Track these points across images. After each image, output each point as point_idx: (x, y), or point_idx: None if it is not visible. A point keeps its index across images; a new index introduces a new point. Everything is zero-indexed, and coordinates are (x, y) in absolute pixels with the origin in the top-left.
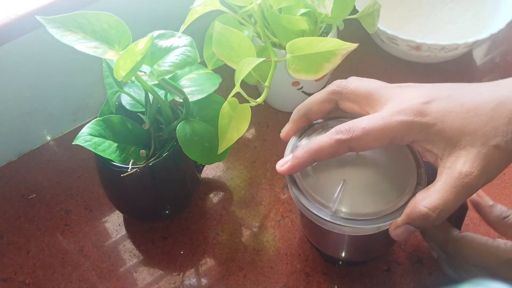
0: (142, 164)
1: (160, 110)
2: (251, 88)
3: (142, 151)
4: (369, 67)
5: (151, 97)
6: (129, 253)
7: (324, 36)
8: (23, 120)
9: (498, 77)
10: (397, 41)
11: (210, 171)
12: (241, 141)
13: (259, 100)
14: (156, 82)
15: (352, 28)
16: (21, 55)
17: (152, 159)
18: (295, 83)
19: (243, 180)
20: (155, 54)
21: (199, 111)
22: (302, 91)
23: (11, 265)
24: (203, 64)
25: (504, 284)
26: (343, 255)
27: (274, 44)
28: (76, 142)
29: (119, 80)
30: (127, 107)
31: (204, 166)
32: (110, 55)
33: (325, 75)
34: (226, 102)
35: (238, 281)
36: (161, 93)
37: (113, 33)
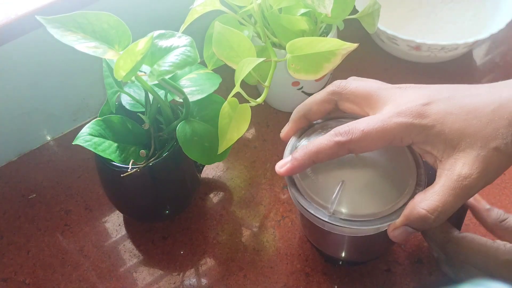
0: (142, 164)
1: (160, 110)
2: (251, 88)
3: (142, 151)
4: (369, 67)
5: (151, 97)
6: (129, 253)
7: (324, 36)
8: (23, 120)
9: (498, 77)
10: (397, 41)
11: (210, 171)
12: (241, 141)
13: (259, 100)
14: (156, 82)
15: (352, 28)
16: (21, 55)
17: (152, 159)
18: (295, 83)
19: (243, 180)
20: (155, 54)
21: (199, 111)
22: (302, 91)
23: (11, 265)
24: (203, 64)
25: (504, 284)
26: (343, 255)
27: (274, 44)
28: (76, 142)
29: (119, 80)
30: (127, 107)
31: (204, 166)
32: (110, 55)
33: (325, 75)
34: (226, 102)
35: (238, 281)
36: (161, 93)
37: (113, 33)
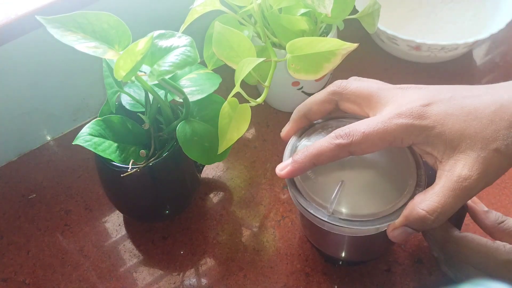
0: (142, 164)
1: (160, 110)
2: (251, 88)
3: (142, 151)
4: (369, 67)
5: (151, 97)
6: (129, 253)
7: (324, 36)
8: (23, 120)
9: (498, 77)
10: (397, 41)
11: (210, 171)
12: (241, 141)
13: (259, 100)
14: (156, 82)
15: (352, 28)
16: (21, 55)
17: (152, 159)
18: (295, 83)
19: (243, 180)
20: (155, 54)
21: (199, 111)
22: (302, 91)
23: (11, 265)
24: (203, 64)
25: (504, 285)
26: (343, 255)
27: (274, 44)
28: (76, 142)
29: (119, 80)
30: (127, 107)
31: (204, 166)
32: (110, 55)
33: (325, 75)
34: (226, 102)
35: (238, 281)
36: (161, 93)
37: (113, 33)
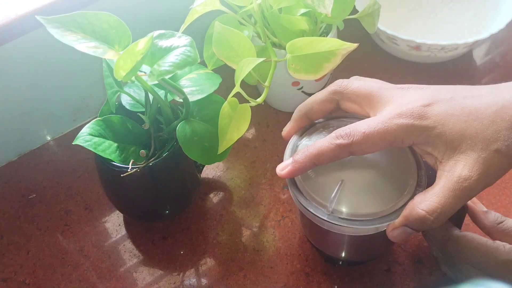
0: (142, 164)
1: (160, 110)
2: (251, 88)
3: (142, 151)
4: (369, 67)
5: (151, 97)
6: (129, 253)
7: (324, 36)
8: (23, 120)
9: (498, 77)
10: (397, 41)
11: (210, 171)
12: (241, 141)
13: (259, 100)
14: (156, 82)
15: (352, 28)
16: (21, 55)
17: (152, 159)
18: (295, 83)
19: (243, 180)
20: (155, 54)
21: (199, 111)
22: (302, 91)
23: (11, 265)
24: (203, 64)
25: (504, 285)
26: (343, 255)
27: (274, 44)
28: (76, 142)
29: (119, 80)
30: (127, 107)
31: (204, 166)
32: (110, 55)
33: (325, 75)
34: (226, 102)
35: (238, 281)
36: (161, 93)
37: (113, 33)
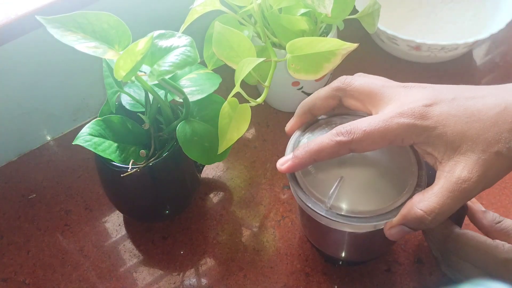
0: (142, 164)
1: (160, 110)
2: (251, 88)
3: (142, 151)
4: (369, 67)
5: (151, 97)
6: (129, 253)
7: (324, 36)
8: (23, 120)
9: (498, 77)
10: (397, 41)
11: (210, 171)
12: (241, 141)
13: (259, 100)
14: (156, 82)
15: (352, 28)
16: (21, 55)
17: (152, 159)
18: (295, 83)
19: (243, 180)
20: (155, 54)
21: (199, 111)
22: (302, 91)
23: (11, 265)
24: (203, 64)
25: (504, 284)
26: (343, 255)
27: (274, 44)
28: (76, 142)
29: (119, 80)
30: (127, 107)
31: (204, 166)
32: (110, 55)
33: (325, 75)
34: (226, 102)
35: (238, 281)
36: (161, 93)
37: (113, 33)
